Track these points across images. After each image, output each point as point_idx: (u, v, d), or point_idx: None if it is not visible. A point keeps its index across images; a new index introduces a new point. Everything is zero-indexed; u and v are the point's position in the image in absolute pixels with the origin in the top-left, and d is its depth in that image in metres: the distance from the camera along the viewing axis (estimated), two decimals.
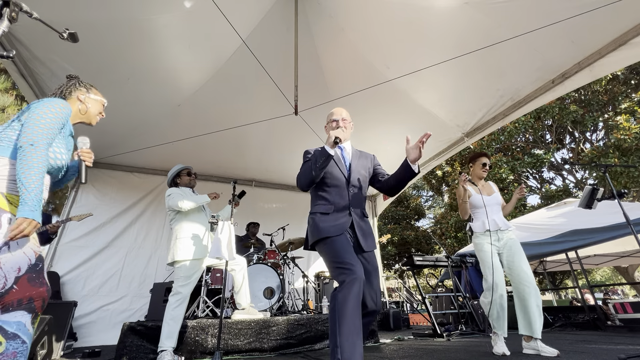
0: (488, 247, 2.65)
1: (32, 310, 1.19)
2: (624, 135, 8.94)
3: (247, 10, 3.54)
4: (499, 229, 2.72)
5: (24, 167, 1.20)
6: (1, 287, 1.14)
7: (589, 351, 2.50)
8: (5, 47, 3.00)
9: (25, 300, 1.18)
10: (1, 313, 1.15)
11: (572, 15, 3.05)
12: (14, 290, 1.16)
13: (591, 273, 19.41)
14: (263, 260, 4.36)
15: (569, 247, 4.90)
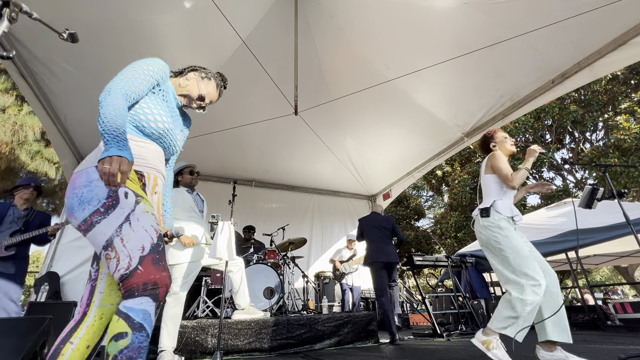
0: (515, 233, 2.18)
1: (156, 298, 1.01)
2: (624, 135, 8.95)
3: (247, 10, 3.54)
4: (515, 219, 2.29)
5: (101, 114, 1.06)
6: (126, 267, 0.99)
7: (589, 351, 2.50)
8: (5, 48, 3.00)
9: (150, 285, 1.00)
10: (125, 299, 0.99)
11: (571, 15, 3.05)
12: (138, 271, 1.00)
13: (591, 273, 19.41)
14: (263, 260, 4.36)
15: (569, 247, 4.90)
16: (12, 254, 2.69)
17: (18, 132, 8.67)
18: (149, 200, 1.18)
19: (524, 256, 2.08)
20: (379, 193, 7.62)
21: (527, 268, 2.04)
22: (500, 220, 2.19)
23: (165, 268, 1.06)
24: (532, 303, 1.96)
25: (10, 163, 8.83)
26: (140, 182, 1.21)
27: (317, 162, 6.27)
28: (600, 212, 3.83)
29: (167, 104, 1.35)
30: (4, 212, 2.80)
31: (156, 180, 1.28)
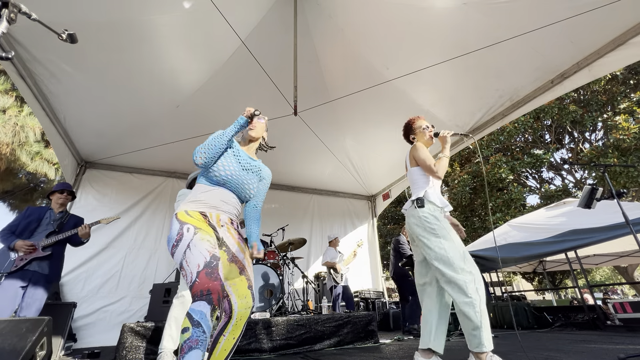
0: (448, 223, 2.11)
1: (210, 301, 1.31)
2: (623, 135, 8.96)
3: (246, 10, 3.55)
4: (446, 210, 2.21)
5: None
6: (190, 280, 1.34)
7: (589, 351, 2.50)
8: (4, 48, 3.00)
9: (204, 291, 1.32)
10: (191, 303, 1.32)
11: (571, 15, 3.05)
12: (196, 282, 1.33)
13: (591, 273, 19.42)
14: (262, 260, 4.36)
15: (568, 247, 4.90)
16: (49, 254, 2.86)
17: (19, 133, 8.67)
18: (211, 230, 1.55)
19: (459, 248, 1.97)
20: (379, 193, 7.62)
21: (461, 261, 1.92)
22: (435, 210, 2.10)
23: (217, 278, 1.37)
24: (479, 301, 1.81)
25: (10, 164, 8.83)
26: (205, 219, 1.58)
27: (317, 162, 6.27)
28: (599, 212, 3.83)
29: (236, 158, 1.77)
30: (41, 215, 3.00)
31: (219, 216, 1.64)
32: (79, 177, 5.15)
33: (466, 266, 1.91)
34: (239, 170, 1.74)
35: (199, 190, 1.67)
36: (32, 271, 2.76)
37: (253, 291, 1.60)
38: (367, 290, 6.66)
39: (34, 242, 2.82)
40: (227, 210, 1.68)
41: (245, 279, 1.59)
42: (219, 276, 1.38)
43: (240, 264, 1.62)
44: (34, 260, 2.79)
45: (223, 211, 1.67)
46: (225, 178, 1.68)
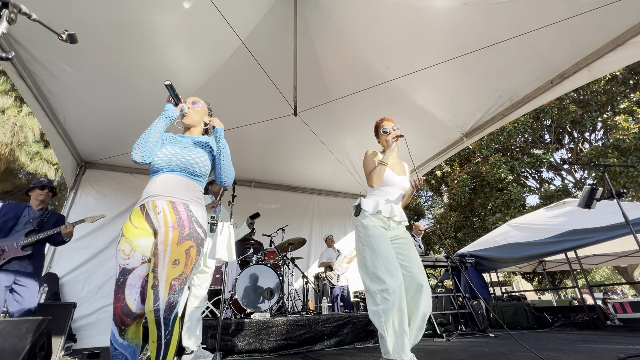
0: (381, 231, 2.01)
1: (115, 322, 1.37)
2: (623, 135, 8.96)
3: (246, 11, 3.55)
4: (392, 218, 2.10)
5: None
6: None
7: (589, 351, 2.50)
8: (4, 49, 3.00)
9: (113, 313, 1.38)
10: None
11: (570, 15, 3.06)
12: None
13: (591, 273, 19.43)
14: (262, 261, 4.36)
15: (568, 247, 4.91)
16: (29, 253, 2.76)
17: (18, 133, 8.66)
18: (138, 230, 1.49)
19: (380, 257, 1.88)
20: None
21: (380, 270, 1.84)
22: (365, 218, 2.05)
23: (119, 300, 1.38)
24: (386, 312, 1.74)
25: (9, 164, 8.83)
26: (143, 213, 1.53)
27: (317, 162, 6.27)
28: (599, 212, 3.83)
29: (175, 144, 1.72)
30: (19, 212, 2.87)
31: (154, 204, 1.53)
32: (79, 178, 5.15)
33: (382, 275, 1.83)
34: (179, 150, 1.66)
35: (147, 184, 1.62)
36: (14, 271, 2.67)
37: (159, 292, 1.37)
38: None
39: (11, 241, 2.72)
40: (166, 193, 1.54)
41: (152, 277, 1.40)
42: (122, 296, 1.39)
43: (156, 259, 1.43)
44: (14, 260, 2.69)
45: (160, 195, 1.54)
46: (165, 161, 1.61)
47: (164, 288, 1.38)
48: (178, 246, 1.45)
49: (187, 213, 1.54)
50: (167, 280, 1.39)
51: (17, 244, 2.72)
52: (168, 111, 1.74)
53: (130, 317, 1.37)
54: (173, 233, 1.47)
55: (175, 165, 1.61)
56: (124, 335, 1.36)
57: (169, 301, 1.38)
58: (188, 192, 1.61)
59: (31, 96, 3.64)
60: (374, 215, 2.06)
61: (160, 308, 1.35)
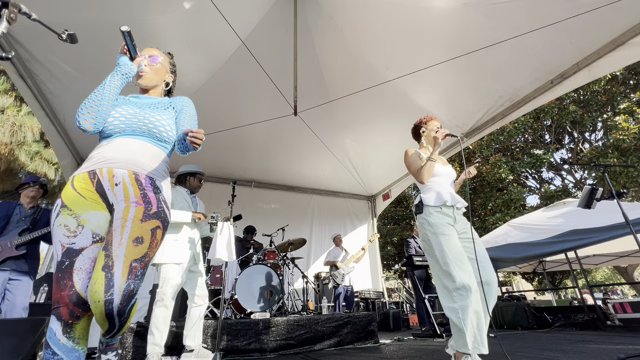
0: (449, 228, 2.03)
1: (59, 317, 1.03)
2: (623, 135, 8.96)
3: (246, 10, 3.55)
4: (455, 206, 2.13)
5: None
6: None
7: (589, 351, 2.50)
8: (4, 48, 3.00)
9: (54, 303, 1.04)
10: None
11: (570, 15, 3.06)
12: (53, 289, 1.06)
13: (591, 273, 19.43)
14: (262, 261, 4.36)
15: (568, 247, 4.91)
16: (24, 252, 2.72)
17: (17, 133, 8.66)
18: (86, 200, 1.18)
19: (451, 255, 1.90)
20: (379, 193, 7.62)
21: (452, 268, 1.86)
22: (430, 214, 2.06)
23: (66, 287, 1.05)
24: (464, 308, 1.78)
25: (9, 164, 8.83)
26: (93, 182, 1.20)
27: (317, 162, 6.27)
28: (599, 212, 3.83)
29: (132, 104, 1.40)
30: (10, 211, 2.81)
31: (111, 172, 1.21)
32: None
33: (455, 273, 1.85)
34: (138, 111, 1.35)
35: (95, 149, 1.29)
36: (10, 270, 2.64)
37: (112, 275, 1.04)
38: (367, 291, 6.66)
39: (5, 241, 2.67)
40: (127, 160, 1.23)
41: (104, 256, 1.07)
42: (70, 282, 1.05)
43: (110, 234, 1.13)
44: (9, 259, 2.66)
45: (120, 162, 1.23)
46: (123, 122, 1.29)
47: (121, 270, 1.05)
48: (142, 223, 1.16)
49: (153, 189, 1.25)
50: (127, 260, 1.07)
51: (11, 243, 2.68)
52: (124, 66, 1.41)
53: (82, 307, 1.04)
54: (136, 208, 1.18)
55: (136, 127, 1.29)
56: (69, 332, 1.02)
57: (127, 288, 1.05)
58: (154, 162, 1.30)
59: (31, 96, 3.64)
60: (438, 211, 2.07)
61: (114, 297, 1.01)
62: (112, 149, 1.25)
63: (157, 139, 1.34)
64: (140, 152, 1.28)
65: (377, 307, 6.32)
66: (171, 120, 1.41)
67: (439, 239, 1.97)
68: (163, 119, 1.36)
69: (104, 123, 1.29)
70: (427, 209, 2.08)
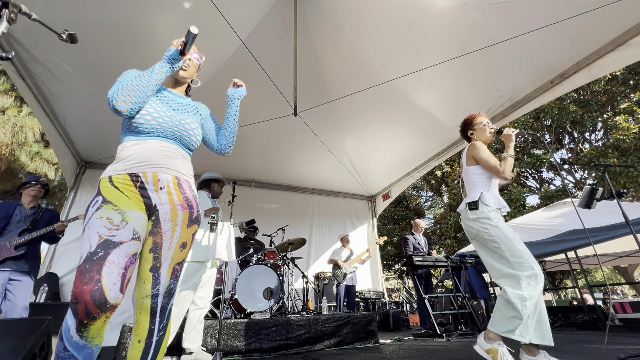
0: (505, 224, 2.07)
1: (75, 313, 0.97)
2: (623, 135, 8.96)
3: (246, 11, 3.55)
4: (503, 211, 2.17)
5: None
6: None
7: (589, 351, 2.50)
8: (4, 48, 3.00)
9: (73, 297, 0.98)
10: None
11: (570, 15, 3.06)
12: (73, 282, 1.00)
13: (591, 273, 19.43)
14: (262, 260, 4.36)
15: (568, 247, 4.91)
16: (23, 252, 2.70)
17: (18, 134, 8.67)
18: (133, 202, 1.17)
19: (517, 246, 1.95)
20: (379, 193, 7.62)
21: (522, 258, 1.91)
22: (490, 212, 2.07)
23: (91, 281, 0.98)
24: (532, 297, 1.79)
25: (10, 164, 8.83)
26: (136, 185, 1.20)
27: (317, 162, 6.27)
28: (599, 212, 3.82)
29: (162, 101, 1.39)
30: (10, 211, 2.79)
31: (156, 176, 1.22)
32: (79, 177, 5.15)
33: (528, 261, 1.91)
34: (170, 111, 1.36)
35: (126, 146, 1.26)
36: (11, 270, 2.63)
37: (160, 274, 1.15)
38: (367, 291, 6.66)
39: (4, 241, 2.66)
40: (169, 165, 1.27)
41: (152, 258, 1.16)
42: (97, 276, 0.99)
43: (158, 238, 1.19)
44: (9, 260, 2.64)
45: (164, 167, 1.25)
46: (159, 124, 1.29)
47: (166, 271, 1.16)
48: (188, 228, 1.25)
49: (192, 193, 1.32)
50: (172, 263, 1.18)
51: (10, 243, 2.67)
52: (175, 60, 1.45)
53: (101, 308, 0.98)
54: (183, 213, 1.25)
55: (170, 132, 1.31)
56: (83, 332, 0.98)
57: (169, 287, 1.16)
58: (188, 168, 1.37)
59: (31, 96, 3.64)
60: (495, 211, 2.08)
61: (160, 292, 1.13)
62: (151, 151, 1.25)
63: (186, 146, 1.39)
64: (178, 157, 1.32)
65: (377, 307, 6.32)
66: (199, 125, 1.47)
67: (504, 232, 1.99)
68: (195, 126, 1.42)
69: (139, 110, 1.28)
70: (487, 208, 2.09)
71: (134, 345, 1.11)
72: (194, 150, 1.45)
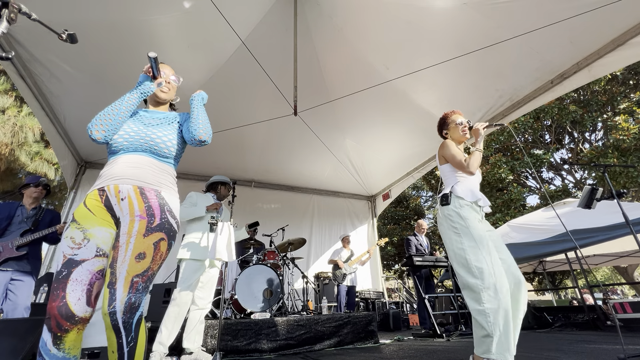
0: (480, 225, 1.90)
1: (49, 328, 1.08)
2: (623, 136, 8.96)
3: (246, 10, 3.55)
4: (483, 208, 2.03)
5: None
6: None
7: (589, 351, 2.50)
8: (4, 48, 3.00)
9: (46, 314, 1.09)
10: None
11: (570, 15, 3.06)
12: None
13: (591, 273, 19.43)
14: (262, 261, 4.36)
15: (568, 247, 4.91)
16: (25, 253, 2.70)
17: (18, 134, 8.67)
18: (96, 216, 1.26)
19: (484, 251, 1.76)
20: (379, 193, 7.62)
21: (484, 264, 1.73)
22: (462, 207, 1.92)
23: (57, 298, 1.09)
24: (494, 311, 1.65)
25: (10, 164, 8.83)
26: (102, 198, 1.29)
27: (317, 162, 6.27)
28: (599, 212, 3.83)
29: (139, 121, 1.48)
30: (12, 212, 2.79)
31: (117, 188, 1.29)
32: (79, 177, 5.15)
33: (487, 270, 1.72)
34: (140, 127, 1.44)
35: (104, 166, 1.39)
36: (12, 270, 2.63)
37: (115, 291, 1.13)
38: (367, 291, 6.66)
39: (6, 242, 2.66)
40: (132, 176, 1.32)
41: (109, 274, 1.16)
42: (62, 293, 1.10)
43: (115, 252, 1.20)
44: (10, 260, 2.64)
45: (125, 178, 1.31)
46: (126, 140, 1.38)
47: (122, 286, 1.14)
48: (145, 238, 1.23)
49: (158, 200, 1.31)
50: (128, 276, 1.16)
51: (12, 244, 2.67)
52: (144, 86, 1.51)
53: (70, 320, 1.09)
54: (140, 223, 1.25)
55: (138, 145, 1.38)
56: (59, 344, 1.08)
57: (129, 302, 1.13)
58: (158, 175, 1.39)
59: (31, 96, 3.64)
60: (469, 206, 1.94)
61: (117, 309, 1.11)
62: (118, 166, 1.34)
63: (158, 155, 1.42)
64: (145, 167, 1.36)
65: (377, 307, 6.32)
66: (174, 135, 1.49)
67: (472, 233, 1.83)
68: (165, 134, 1.45)
69: (114, 135, 1.39)
70: (459, 201, 1.94)
71: (110, 355, 1.16)
72: (171, 156, 1.47)
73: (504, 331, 1.64)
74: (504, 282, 1.70)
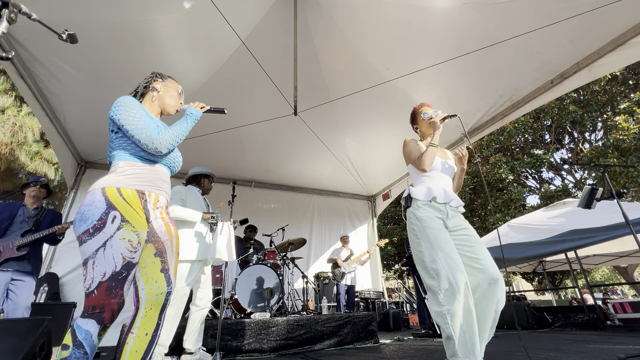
0: (438, 222, 1.82)
1: (100, 320, 1.17)
2: (623, 136, 8.96)
3: (246, 10, 3.55)
4: (448, 204, 1.91)
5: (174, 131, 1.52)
6: (87, 288, 1.18)
7: (589, 351, 2.50)
8: (4, 48, 3.00)
9: (98, 308, 1.17)
10: (80, 315, 1.18)
11: (570, 15, 3.05)
12: (93, 295, 1.17)
13: (590, 273, 19.43)
14: (262, 260, 4.36)
15: (568, 247, 4.91)
16: (25, 253, 2.70)
17: (17, 133, 8.67)
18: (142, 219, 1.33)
19: (439, 251, 1.69)
20: (379, 193, 7.62)
21: (440, 265, 1.66)
22: (419, 208, 1.86)
23: (117, 295, 1.21)
24: (452, 312, 1.58)
25: (10, 164, 8.83)
26: (141, 200, 1.38)
27: (317, 162, 6.27)
28: (599, 212, 3.83)
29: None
30: (14, 212, 2.79)
31: (157, 198, 1.44)
32: (79, 177, 5.15)
33: (443, 271, 1.65)
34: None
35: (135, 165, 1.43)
36: (13, 270, 2.63)
37: (170, 275, 1.36)
38: (367, 291, 6.66)
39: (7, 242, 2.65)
40: (164, 188, 1.50)
41: (160, 262, 1.35)
42: (121, 292, 1.22)
43: (160, 245, 1.39)
44: (11, 260, 2.63)
45: (163, 191, 1.48)
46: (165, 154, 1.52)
47: (172, 274, 1.38)
48: (177, 240, 1.49)
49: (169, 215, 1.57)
50: (174, 267, 1.41)
51: (13, 244, 2.67)
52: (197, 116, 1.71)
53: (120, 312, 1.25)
54: (174, 228, 1.49)
55: (167, 161, 1.55)
56: (101, 335, 1.21)
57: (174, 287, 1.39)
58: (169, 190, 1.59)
59: (31, 96, 3.64)
60: (427, 205, 1.87)
61: (172, 291, 1.35)
62: (156, 175, 1.47)
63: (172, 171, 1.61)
64: (167, 181, 1.55)
65: (377, 307, 6.32)
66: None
67: (426, 234, 1.77)
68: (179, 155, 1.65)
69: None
70: (416, 203, 1.89)
71: (140, 337, 1.24)
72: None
73: (467, 332, 1.57)
74: (462, 281, 1.61)
